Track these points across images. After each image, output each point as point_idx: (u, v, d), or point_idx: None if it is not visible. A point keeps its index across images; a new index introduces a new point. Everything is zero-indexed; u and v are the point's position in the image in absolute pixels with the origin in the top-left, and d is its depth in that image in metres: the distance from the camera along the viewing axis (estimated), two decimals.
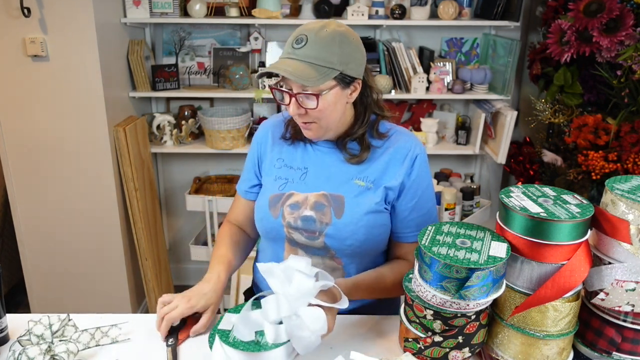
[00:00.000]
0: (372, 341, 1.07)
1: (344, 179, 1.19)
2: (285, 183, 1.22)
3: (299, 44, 1.08)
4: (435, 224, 1.01)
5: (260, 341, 0.97)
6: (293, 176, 1.22)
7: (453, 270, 0.88)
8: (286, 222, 1.20)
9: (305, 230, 1.18)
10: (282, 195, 1.21)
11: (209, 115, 2.56)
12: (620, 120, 1.82)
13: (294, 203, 1.19)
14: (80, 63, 2.15)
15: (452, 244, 0.94)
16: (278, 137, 1.27)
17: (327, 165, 1.21)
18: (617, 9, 1.78)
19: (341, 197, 1.17)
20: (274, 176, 1.24)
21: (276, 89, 1.13)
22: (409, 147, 1.19)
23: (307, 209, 1.18)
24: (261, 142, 1.30)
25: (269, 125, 1.32)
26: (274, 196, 1.22)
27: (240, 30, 2.68)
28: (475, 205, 2.53)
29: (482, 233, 0.98)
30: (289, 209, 1.19)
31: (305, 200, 1.19)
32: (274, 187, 1.23)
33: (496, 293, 0.92)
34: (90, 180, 2.31)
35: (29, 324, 1.00)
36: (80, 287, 2.47)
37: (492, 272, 0.88)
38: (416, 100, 2.75)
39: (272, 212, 1.21)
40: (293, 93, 1.09)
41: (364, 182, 1.18)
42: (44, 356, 0.93)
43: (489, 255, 0.90)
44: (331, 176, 1.20)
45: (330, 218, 1.17)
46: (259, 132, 1.32)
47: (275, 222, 1.21)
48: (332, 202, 1.17)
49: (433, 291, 0.91)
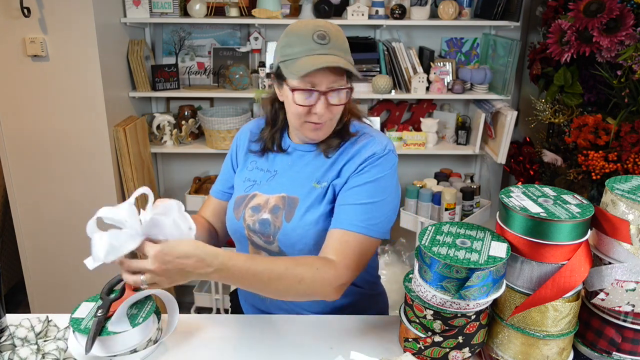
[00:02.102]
0: (372, 341, 1.07)
1: (303, 181, 1.17)
2: (252, 185, 1.22)
3: (323, 39, 1.06)
4: (435, 224, 1.01)
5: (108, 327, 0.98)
6: (261, 178, 1.22)
7: (453, 270, 0.88)
8: (246, 224, 1.19)
9: (262, 234, 1.17)
10: (246, 197, 1.21)
11: (209, 115, 2.56)
12: (620, 120, 1.82)
13: (255, 205, 1.19)
14: (80, 63, 2.15)
15: (452, 244, 0.94)
16: (254, 139, 1.28)
17: (296, 169, 1.20)
18: (617, 9, 1.78)
19: (296, 199, 1.16)
20: (244, 178, 1.24)
21: (302, 89, 1.07)
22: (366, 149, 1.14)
23: (265, 212, 1.17)
24: (238, 145, 1.31)
25: (248, 128, 1.32)
26: (239, 197, 1.22)
27: (240, 30, 2.68)
28: (475, 205, 2.52)
29: (482, 233, 0.98)
30: (250, 211, 1.19)
31: (266, 203, 1.18)
32: (241, 189, 1.23)
33: (496, 293, 0.92)
34: (90, 180, 2.31)
35: (10, 328, 1.00)
36: (80, 287, 2.47)
37: (492, 272, 0.88)
38: (416, 100, 2.75)
39: (235, 214, 1.21)
40: (323, 91, 1.08)
41: (320, 185, 1.15)
42: (36, 355, 0.94)
43: (489, 255, 0.90)
44: (294, 178, 1.19)
45: (282, 222, 1.15)
46: (238, 135, 1.33)
47: (237, 223, 1.21)
48: (286, 206, 1.16)
49: (433, 291, 0.91)
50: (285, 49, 1.09)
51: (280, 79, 1.12)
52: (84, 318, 1.01)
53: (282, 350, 1.05)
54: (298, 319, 1.17)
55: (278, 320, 1.16)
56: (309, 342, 1.07)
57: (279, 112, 1.22)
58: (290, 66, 1.07)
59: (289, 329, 1.12)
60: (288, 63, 1.07)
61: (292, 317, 1.18)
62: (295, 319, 1.17)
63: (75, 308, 1.04)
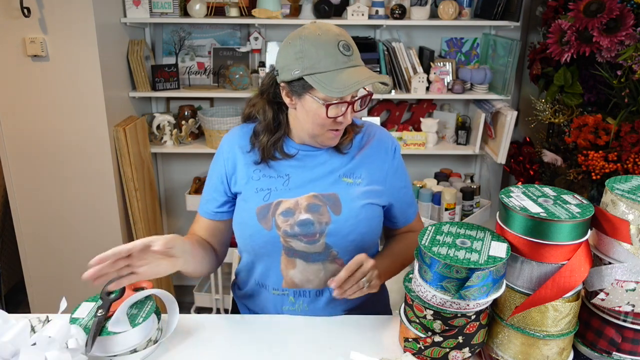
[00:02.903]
0: (372, 341, 1.07)
1: (331, 178, 1.18)
2: (269, 192, 1.17)
3: (348, 50, 1.07)
4: (435, 224, 1.02)
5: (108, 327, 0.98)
6: (275, 184, 1.18)
7: (453, 270, 0.88)
8: (282, 231, 1.15)
9: (304, 235, 1.15)
10: (270, 205, 1.16)
11: (209, 115, 2.56)
12: (620, 120, 1.82)
13: (285, 210, 1.15)
14: (80, 63, 2.15)
15: (452, 244, 0.94)
16: (247, 150, 1.21)
17: (309, 168, 1.19)
18: (617, 9, 1.78)
19: (334, 195, 1.16)
20: (255, 188, 1.18)
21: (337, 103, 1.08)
22: (387, 141, 1.26)
23: (302, 213, 1.14)
24: (228, 158, 1.22)
25: (233, 139, 1.24)
26: (261, 208, 1.16)
27: (240, 30, 2.68)
28: (475, 205, 2.53)
29: (482, 233, 0.98)
30: (282, 217, 1.15)
31: (297, 204, 1.15)
32: (257, 199, 1.17)
33: (496, 293, 0.92)
34: (90, 180, 2.31)
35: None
36: (80, 287, 2.46)
37: (492, 272, 0.88)
38: (416, 100, 2.75)
39: (263, 225, 1.15)
40: (351, 100, 1.09)
41: (352, 179, 1.19)
42: None
43: (489, 255, 0.90)
44: (316, 178, 1.18)
45: (329, 216, 1.15)
46: (223, 149, 1.24)
47: (269, 234, 1.15)
48: (326, 201, 1.16)
49: (433, 291, 0.91)
50: (308, 60, 1.05)
51: (304, 89, 1.08)
52: (84, 318, 1.01)
53: (282, 350, 1.05)
54: (298, 319, 1.17)
55: (278, 320, 1.16)
56: (309, 342, 1.08)
57: (283, 118, 1.19)
58: (325, 81, 1.04)
59: (289, 329, 1.12)
60: (319, 77, 1.04)
61: (292, 317, 1.18)
62: (295, 319, 1.17)
63: (75, 308, 1.04)
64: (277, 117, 1.19)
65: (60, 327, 0.91)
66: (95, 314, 1.00)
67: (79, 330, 0.95)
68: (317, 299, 1.20)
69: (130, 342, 0.98)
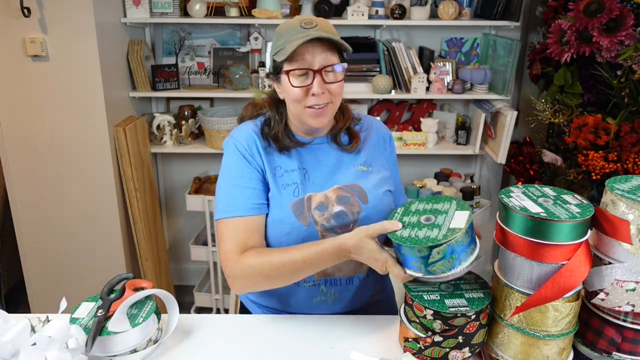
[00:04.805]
0: (372, 341, 1.07)
1: (348, 170, 1.22)
2: (296, 187, 1.17)
3: (310, 24, 1.09)
4: (404, 205, 1.06)
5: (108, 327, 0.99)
6: (297, 178, 1.18)
7: (415, 250, 0.91)
8: (320, 226, 1.15)
9: (339, 226, 1.16)
10: (303, 200, 1.16)
11: (209, 115, 2.56)
12: (620, 120, 1.82)
13: (319, 204, 1.16)
14: (80, 63, 2.15)
15: (417, 223, 0.97)
16: (262, 146, 1.19)
17: (321, 161, 1.21)
18: (617, 9, 1.78)
19: (357, 185, 1.19)
20: (281, 184, 1.16)
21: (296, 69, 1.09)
22: (383, 130, 1.33)
23: (334, 206, 1.16)
24: (254, 154, 1.18)
25: (250, 135, 1.20)
26: (295, 204, 1.15)
27: (240, 30, 2.68)
28: (475, 205, 2.53)
29: (448, 204, 1.01)
30: (317, 212, 1.15)
31: (327, 198, 1.17)
32: (288, 195, 1.16)
33: (466, 262, 0.93)
34: (90, 180, 2.31)
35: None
36: (80, 286, 2.47)
37: (452, 244, 0.90)
38: (416, 100, 2.75)
39: (302, 221, 1.14)
40: (317, 69, 1.10)
41: (365, 167, 1.23)
42: None
43: (448, 229, 0.92)
44: (333, 171, 1.21)
45: (359, 206, 1.18)
46: (243, 144, 1.18)
47: (308, 230, 1.14)
48: (352, 192, 1.19)
49: (408, 271, 0.95)
50: (275, 43, 1.14)
51: (277, 72, 1.15)
52: (84, 318, 1.01)
53: (282, 350, 1.05)
54: (298, 319, 1.17)
55: (278, 320, 1.16)
56: (309, 342, 1.08)
57: (283, 110, 1.23)
58: (281, 53, 1.09)
59: (289, 329, 1.12)
60: (279, 53, 1.10)
61: (292, 317, 1.19)
62: (295, 319, 1.17)
63: (75, 308, 1.04)
64: (281, 110, 1.24)
65: (60, 327, 0.91)
66: (95, 314, 1.00)
67: (79, 330, 0.95)
68: (347, 287, 1.22)
69: (130, 342, 0.98)
